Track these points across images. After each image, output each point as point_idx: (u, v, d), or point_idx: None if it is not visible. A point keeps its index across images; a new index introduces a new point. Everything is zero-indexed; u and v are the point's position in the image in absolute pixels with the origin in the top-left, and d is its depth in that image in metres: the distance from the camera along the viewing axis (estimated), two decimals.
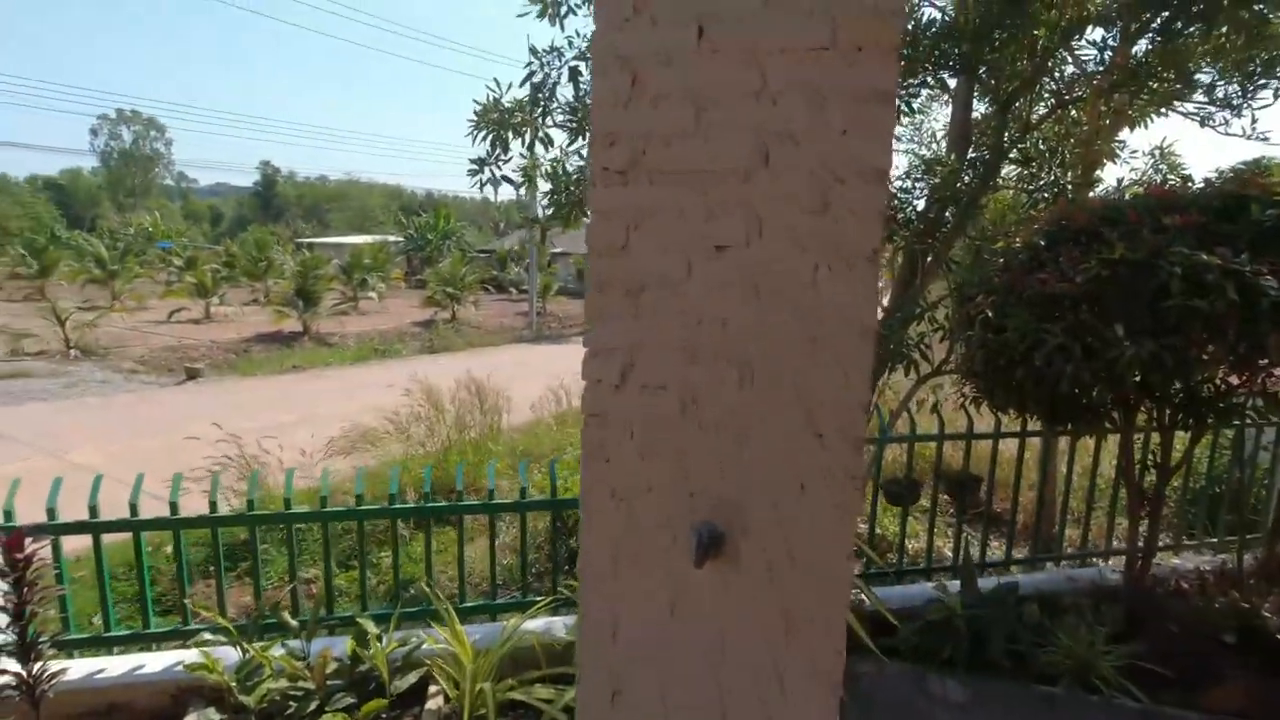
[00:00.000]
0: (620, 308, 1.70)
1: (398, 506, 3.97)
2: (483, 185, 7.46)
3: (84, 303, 19.54)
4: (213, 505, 3.97)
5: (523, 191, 7.28)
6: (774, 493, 1.66)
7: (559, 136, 6.79)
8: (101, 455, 9.41)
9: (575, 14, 6.98)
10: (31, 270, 22.66)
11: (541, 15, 7.01)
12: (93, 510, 3.85)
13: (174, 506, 3.85)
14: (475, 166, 7.29)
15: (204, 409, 11.40)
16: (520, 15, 7.13)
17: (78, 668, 3.65)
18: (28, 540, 3.35)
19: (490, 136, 6.74)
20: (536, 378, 11.52)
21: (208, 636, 3.59)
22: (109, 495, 3.81)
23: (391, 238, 37.60)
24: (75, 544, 4.21)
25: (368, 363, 16.57)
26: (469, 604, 4.09)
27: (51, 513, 3.82)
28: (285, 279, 20.62)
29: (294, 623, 3.70)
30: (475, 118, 7.07)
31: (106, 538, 3.83)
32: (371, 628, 3.52)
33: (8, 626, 3.28)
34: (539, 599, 3.99)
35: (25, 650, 3.22)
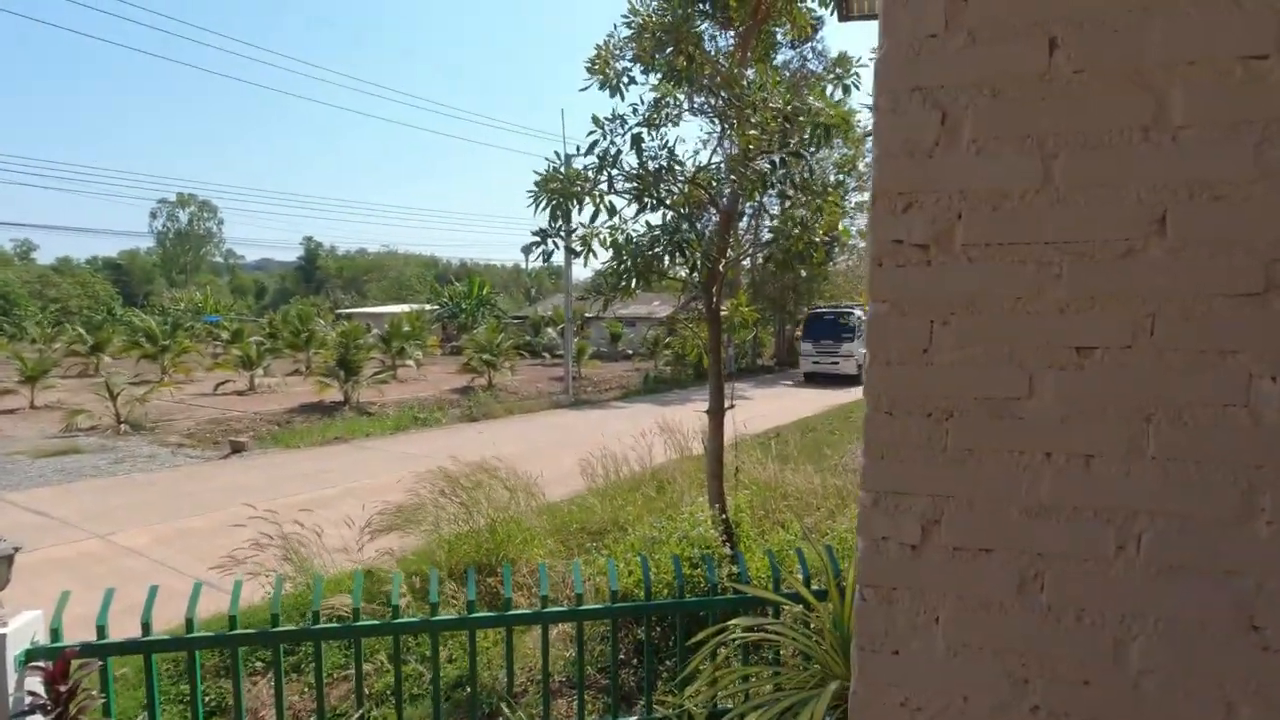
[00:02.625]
0: (920, 437, 1.19)
1: (439, 619, 3.40)
2: (546, 256, 7.16)
3: (135, 377, 19.64)
4: (274, 619, 3.44)
5: (583, 261, 6.95)
6: (1180, 717, 1.09)
7: (618, 203, 6.50)
8: (148, 536, 9.03)
9: (636, 83, 6.78)
10: (86, 346, 23.01)
11: (603, 87, 6.82)
12: (145, 628, 3.36)
13: (233, 620, 3.33)
14: (537, 238, 7.01)
15: (247, 484, 11.00)
16: (583, 89, 6.94)
17: None
18: (75, 665, 2.88)
19: (552, 206, 6.45)
20: (580, 444, 10.96)
21: None
22: (160, 585, 3.33)
23: (427, 306, 37.94)
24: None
25: (408, 431, 16.20)
26: None
27: (101, 630, 3.31)
28: (326, 349, 20.58)
29: None
30: (535, 188, 6.84)
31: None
32: None
33: None
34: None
35: None
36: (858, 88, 6.27)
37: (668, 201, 6.62)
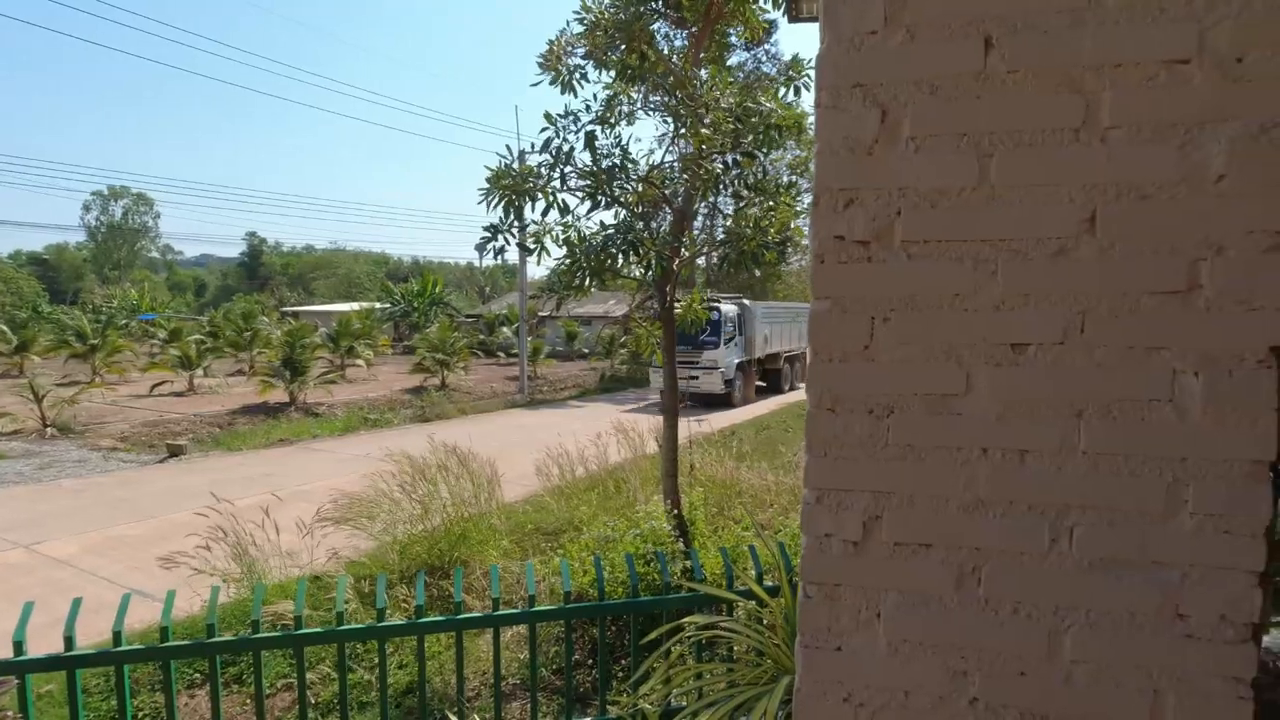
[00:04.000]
0: (862, 434, 1.19)
1: (386, 625, 3.32)
2: (497, 253, 7.05)
3: (63, 378, 18.66)
4: (210, 629, 3.30)
5: (535, 258, 6.88)
6: (1110, 705, 1.11)
7: (571, 201, 6.46)
8: (77, 545, 8.61)
9: (589, 80, 6.74)
10: (10, 346, 21.79)
11: (554, 83, 6.76)
12: (68, 642, 3.18)
13: (165, 632, 3.18)
14: (488, 233, 6.90)
15: (187, 489, 10.58)
16: (534, 84, 6.86)
17: None
18: None
19: (504, 203, 6.37)
20: (534, 444, 10.87)
21: None
22: (89, 596, 3.15)
23: (378, 305, 37.09)
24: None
25: (358, 433, 15.81)
26: None
27: (19, 646, 3.12)
28: (271, 349, 19.93)
29: None
30: (487, 184, 6.72)
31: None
32: None
33: None
34: None
35: None
36: (809, 89, 6.35)
37: (622, 200, 6.59)
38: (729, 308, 19.06)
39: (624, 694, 3.55)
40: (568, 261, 6.59)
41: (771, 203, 6.39)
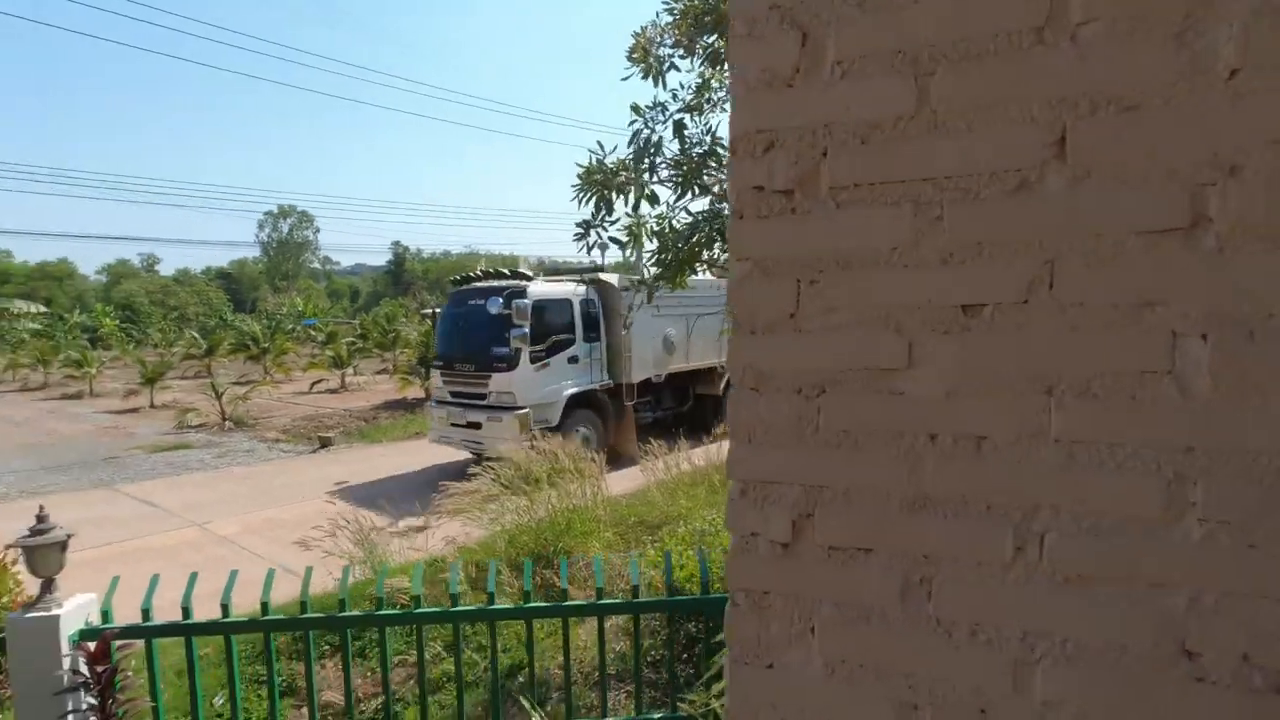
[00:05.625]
0: (790, 417, 1.01)
1: (497, 608, 3.41)
2: (589, 248, 7.12)
3: (240, 378, 21.14)
4: (342, 604, 3.54)
5: (629, 251, 6.89)
6: None
7: (663, 193, 6.39)
8: (239, 525, 9.68)
9: (677, 69, 6.62)
10: (201, 350, 25.01)
11: (645, 75, 6.69)
12: (185, 611, 3.53)
13: (304, 605, 3.46)
14: (581, 229, 6.98)
15: (331, 477, 11.57)
16: (624, 78, 6.84)
17: None
18: (116, 645, 3.05)
19: (594, 198, 6.40)
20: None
21: None
22: (244, 570, 3.52)
23: None
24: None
25: None
26: None
27: (146, 613, 3.50)
28: (410, 348, 21.46)
29: None
30: (579, 180, 6.80)
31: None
32: None
33: None
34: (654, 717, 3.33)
35: None
36: None
37: (715, 190, 6.43)
38: (545, 291, 10.15)
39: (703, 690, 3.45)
40: (659, 253, 6.53)
41: None
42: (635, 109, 6.28)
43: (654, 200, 6.28)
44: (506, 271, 11.51)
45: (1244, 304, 0.78)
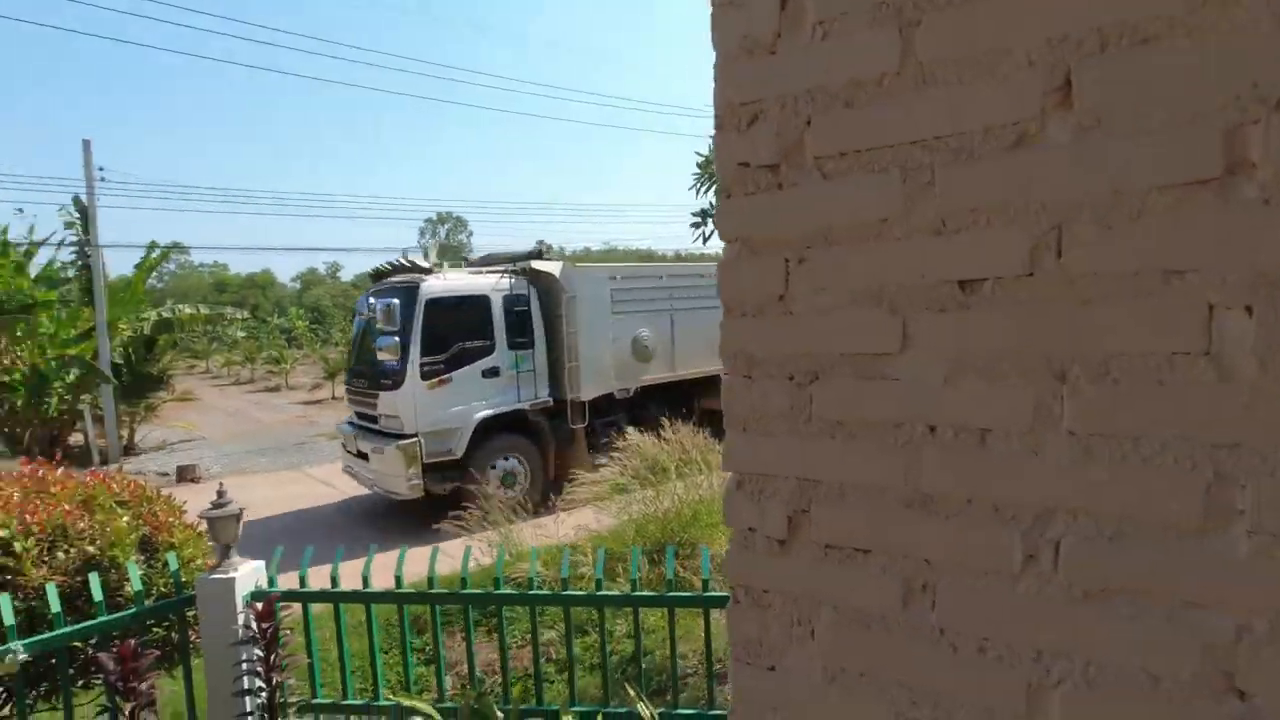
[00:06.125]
0: (782, 406, 0.95)
1: (604, 594, 3.51)
2: (705, 238, 7.08)
3: None
4: (463, 581, 3.85)
5: None
6: None
7: None
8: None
9: None
10: None
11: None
12: (333, 580, 3.94)
13: (431, 581, 3.79)
14: (697, 219, 6.97)
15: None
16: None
17: None
18: (280, 606, 3.47)
19: (712, 188, 6.34)
20: None
21: (429, 715, 3.42)
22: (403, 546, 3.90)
23: None
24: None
25: None
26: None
27: (303, 580, 3.95)
28: None
29: (499, 713, 3.41)
30: (697, 170, 6.76)
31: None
32: None
33: (257, 689, 3.38)
34: None
35: (271, 712, 3.29)
36: None
37: None
38: (449, 286, 8.11)
39: None
40: None
41: None
42: None
43: None
44: (425, 265, 8.90)
45: None
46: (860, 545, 0.90)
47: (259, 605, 3.41)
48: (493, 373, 8.12)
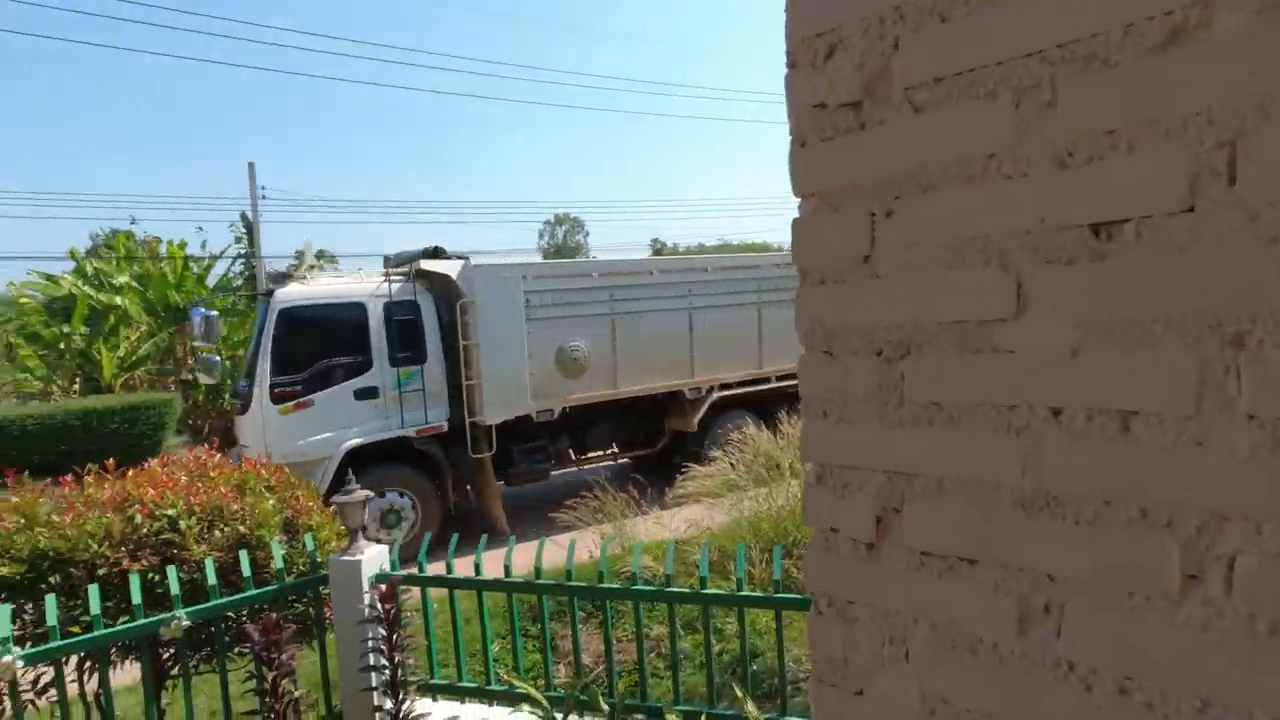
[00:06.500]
0: (867, 387, 0.81)
1: (709, 593, 3.42)
2: None
3: None
4: (568, 574, 3.91)
5: None
6: None
7: None
8: None
9: None
10: None
11: None
12: (448, 567, 4.09)
13: (538, 571, 3.88)
14: None
15: None
16: None
17: (439, 711, 3.83)
18: (401, 589, 3.65)
19: None
20: None
21: (537, 701, 3.48)
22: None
23: None
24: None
25: None
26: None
27: (420, 566, 4.13)
28: None
29: (605, 705, 3.42)
30: None
31: None
32: None
33: (381, 666, 3.57)
34: None
35: (394, 688, 3.48)
36: None
37: None
38: (312, 293, 6.97)
39: None
40: None
41: None
42: None
43: None
44: (322, 268, 7.91)
45: None
46: (964, 554, 0.74)
47: (382, 587, 3.58)
48: (369, 394, 6.89)
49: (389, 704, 3.46)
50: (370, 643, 3.57)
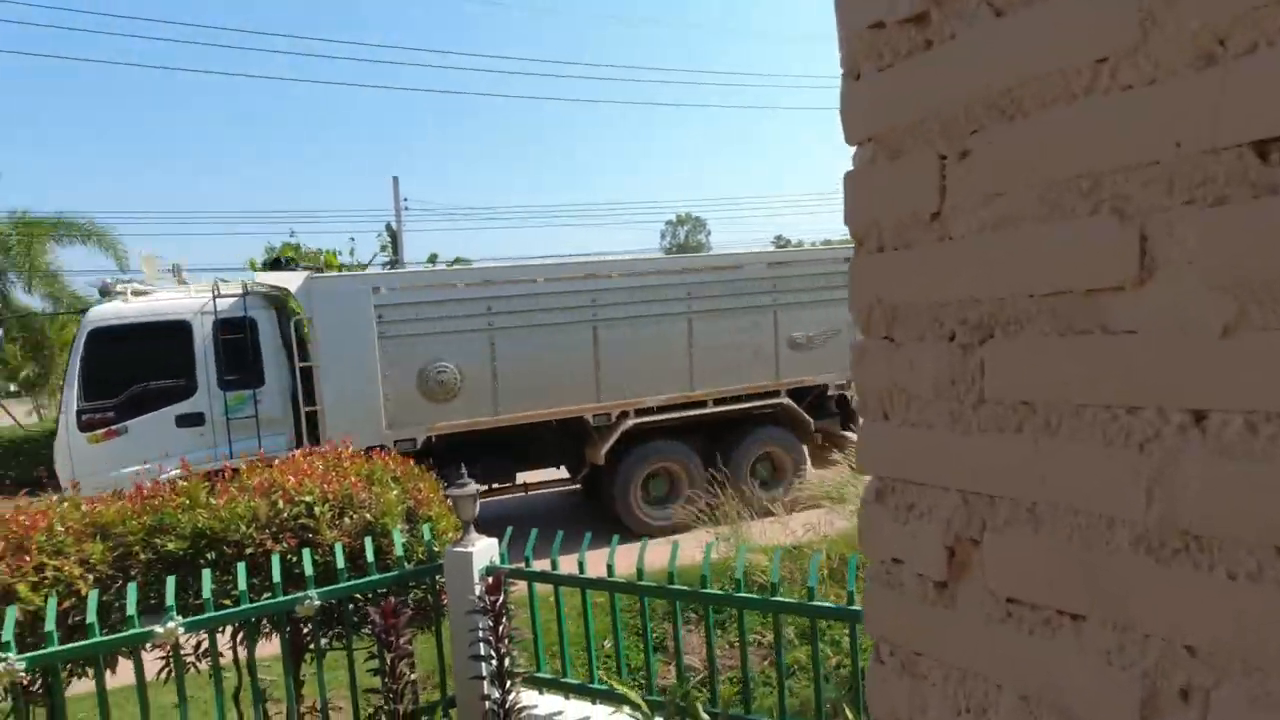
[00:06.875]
0: (936, 380, 0.63)
1: (817, 604, 3.19)
2: None
3: None
4: (670, 576, 3.83)
5: None
6: None
7: None
8: None
9: None
10: None
11: None
12: (553, 563, 4.12)
13: (640, 573, 3.83)
14: None
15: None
16: None
17: (544, 704, 3.87)
18: (508, 582, 3.72)
19: None
20: None
21: (636, 704, 3.43)
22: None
23: None
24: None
25: None
26: None
27: (527, 561, 4.19)
28: None
29: (705, 715, 3.29)
30: None
31: None
32: None
33: (488, 656, 3.66)
34: None
35: (500, 678, 3.55)
36: None
37: None
38: (127, 311, 6.36)
39: None
40: None
41: None
42: None
43: None
44: (185, 281, 7.29)
45: None
46: (1066, 607, 0.55)
47: (489, 580, 3.64)
48: (193, 420, 6.30)
49: (496, 693, 3.51)
50: (479, 633, 3.65)
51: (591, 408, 6.95)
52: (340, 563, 3.56)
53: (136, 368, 6.22)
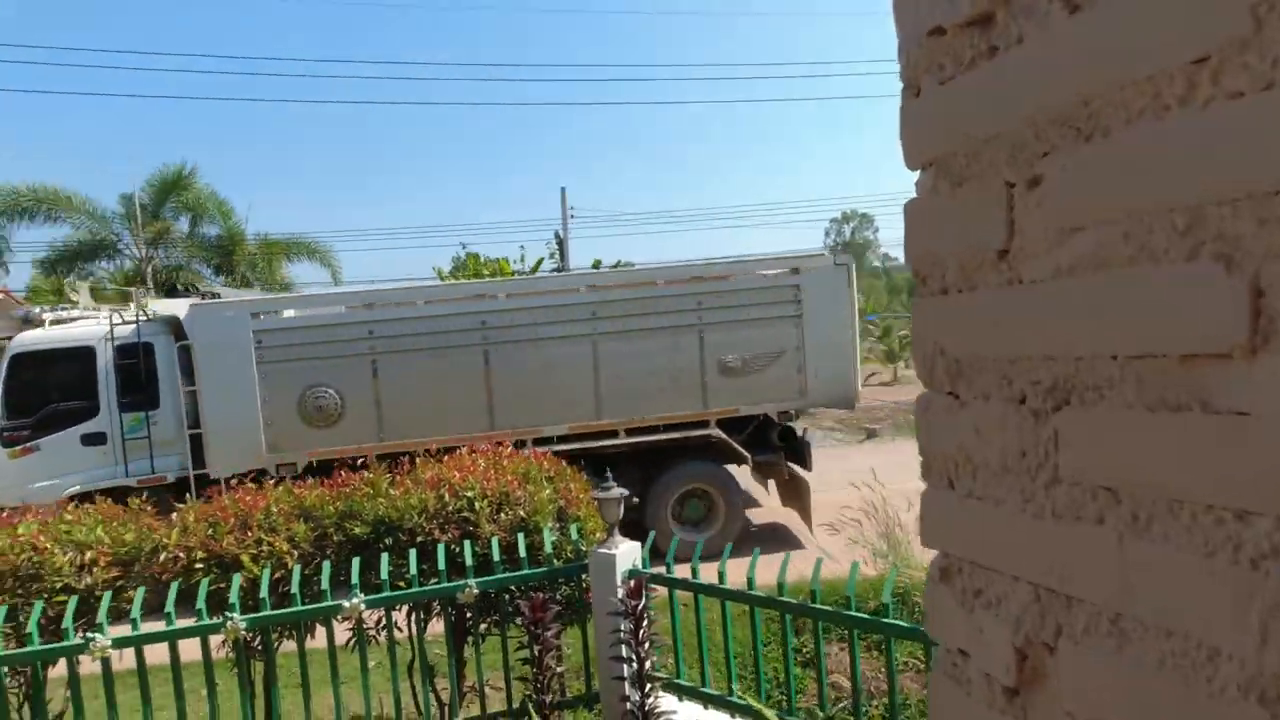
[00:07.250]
0: (1004, 449, 0.52)
1: (894, 622, 2.94)
2: None
3: None
4: (813, 594, 3.71)
5: None
6: None
7: None
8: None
9: None
10: None
11: None
12: (694, 571, 4.12)
13: (781, 587, 3.76)
14: None
15: (871, 465, 11.87)
16: None
17: (684, 711, 3.89)
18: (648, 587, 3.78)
19: None
20: None
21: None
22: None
23: None
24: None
25: None
26: None
27: (668, 567, 4.23)
28: None
29: None
30: None
31: None
32: None
33: (628, 659, 3.74)
34: None
35: (640, 681, 3.63)
36: None
37: None
38: (41, 337, 7.00)
39: None
40: None
41: None
42: None
43: None
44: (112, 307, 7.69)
45: None
46: None
47: (631, 583, 3.71)
48: (96, 439, 6.84)
49: (636, 695, 3.57)
50: (620, 635, 3.72)
51: (482, 437, 6.40)
52: (496, 555, 3.79)
53: (50, 390, 6.86)
